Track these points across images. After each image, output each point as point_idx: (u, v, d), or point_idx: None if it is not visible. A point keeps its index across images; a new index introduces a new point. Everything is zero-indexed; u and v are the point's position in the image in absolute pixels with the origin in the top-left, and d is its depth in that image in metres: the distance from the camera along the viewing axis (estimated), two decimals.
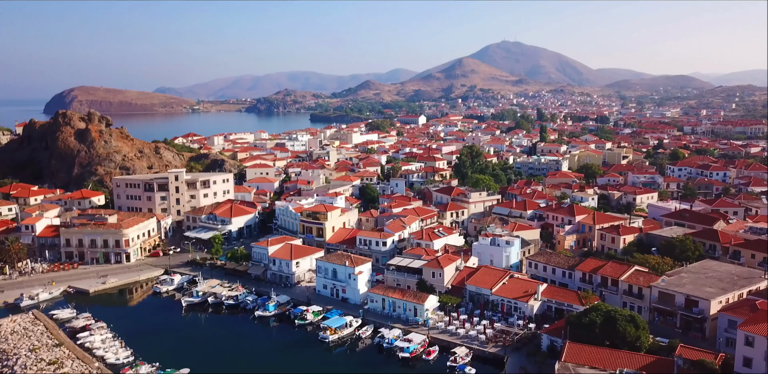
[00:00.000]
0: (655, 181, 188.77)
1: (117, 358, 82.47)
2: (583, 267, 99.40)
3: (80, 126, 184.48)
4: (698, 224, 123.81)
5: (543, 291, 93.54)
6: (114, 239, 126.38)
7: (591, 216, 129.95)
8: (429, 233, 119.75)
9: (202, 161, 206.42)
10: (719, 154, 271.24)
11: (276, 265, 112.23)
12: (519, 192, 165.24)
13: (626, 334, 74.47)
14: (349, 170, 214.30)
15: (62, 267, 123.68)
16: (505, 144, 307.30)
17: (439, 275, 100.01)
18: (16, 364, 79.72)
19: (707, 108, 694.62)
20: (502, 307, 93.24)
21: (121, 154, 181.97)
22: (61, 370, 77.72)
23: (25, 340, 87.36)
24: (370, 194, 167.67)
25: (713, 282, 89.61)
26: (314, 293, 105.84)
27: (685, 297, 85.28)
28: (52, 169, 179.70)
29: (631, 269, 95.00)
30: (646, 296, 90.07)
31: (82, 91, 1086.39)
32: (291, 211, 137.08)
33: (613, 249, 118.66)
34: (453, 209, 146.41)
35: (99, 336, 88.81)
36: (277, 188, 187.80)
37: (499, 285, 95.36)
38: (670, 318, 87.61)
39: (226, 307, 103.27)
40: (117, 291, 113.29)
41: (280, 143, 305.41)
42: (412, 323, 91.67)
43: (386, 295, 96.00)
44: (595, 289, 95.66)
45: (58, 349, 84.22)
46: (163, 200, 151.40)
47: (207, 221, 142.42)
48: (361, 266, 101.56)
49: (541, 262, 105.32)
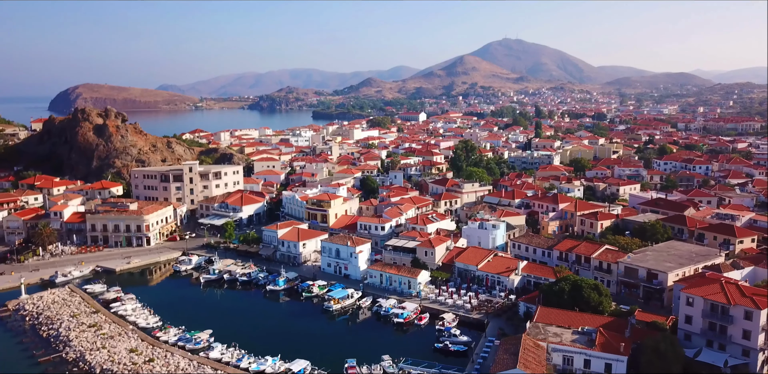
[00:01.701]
0: (640, 174, 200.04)
1: (147, 323, 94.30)
2: (560, 247, 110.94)
3: (98, 122, 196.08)
4: (670, 211, 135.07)
5: (523, 268, 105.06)
6: (135, 225, 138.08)
7: (573, 204, 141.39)
8: (423, 219, 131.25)
9: (212, 155, 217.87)
10: (707, 149, 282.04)
11: (285, 246, 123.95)
12: (510, 184, 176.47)
13: (590, 300, 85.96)
14: (351, 163, 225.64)
15: (89, 250, 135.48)
16: (501, 140, 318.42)
17: (431, 254, 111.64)
18: (60, 327, 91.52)
19: (705, 105, 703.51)
20: (486, 281, 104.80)
21: (137, 148, 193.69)
22: (100, 331, 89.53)
23: (66, 308, 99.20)
24: (371, 186, 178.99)
25: (673, 258, 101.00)
26: (319, 270, 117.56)
27: (647, 271, 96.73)
28: (72, 162, 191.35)
29: (602, 248, 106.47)
30: (614, 271, 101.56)
31: (87, 88, 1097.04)
32: (297, 199, 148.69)
33: (592, 233, 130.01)
34: (447, 199, 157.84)
35: (130, 305, 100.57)
36: (283, 180, 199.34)
37: (484, 262, 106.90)
38: (635, 289, 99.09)
39: (240, 283, 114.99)
40: (140, 270, 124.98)
41: (284, 139, 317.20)
42: (406, 295, 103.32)
43: (384, 271, 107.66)
44: (570, 266, 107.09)
45: (95, 315, 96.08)
46: (178, 190, 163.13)
47: (219, 209, 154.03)
48: (362, 246, 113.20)
49: (524, 243, 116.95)
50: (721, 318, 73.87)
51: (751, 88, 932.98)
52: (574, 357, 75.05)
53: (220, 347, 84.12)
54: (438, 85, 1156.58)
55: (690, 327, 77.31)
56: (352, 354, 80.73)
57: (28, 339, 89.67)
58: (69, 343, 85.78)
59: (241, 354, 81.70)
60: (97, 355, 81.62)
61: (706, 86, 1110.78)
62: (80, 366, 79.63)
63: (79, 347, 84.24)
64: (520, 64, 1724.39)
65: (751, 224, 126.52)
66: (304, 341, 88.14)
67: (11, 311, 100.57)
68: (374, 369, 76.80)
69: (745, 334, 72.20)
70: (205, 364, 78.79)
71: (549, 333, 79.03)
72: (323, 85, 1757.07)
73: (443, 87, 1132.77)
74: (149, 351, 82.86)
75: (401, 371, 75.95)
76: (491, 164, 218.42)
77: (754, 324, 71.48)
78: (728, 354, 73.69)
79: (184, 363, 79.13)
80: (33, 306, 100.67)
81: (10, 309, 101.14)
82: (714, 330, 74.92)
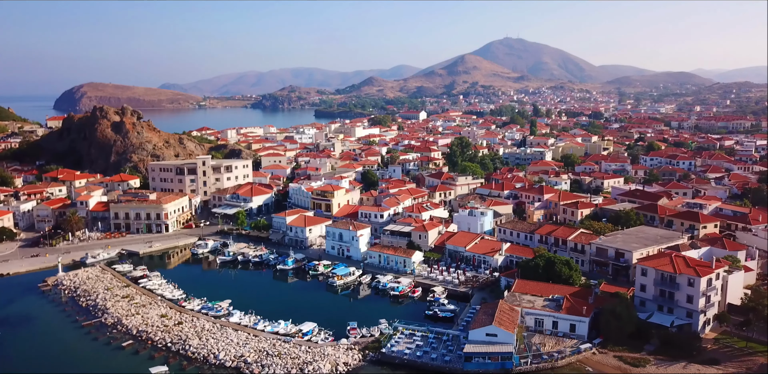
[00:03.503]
0: (625, 168, 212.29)
1: (173, 295, 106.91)
2: (540, 231, 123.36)
3: (115, 119, 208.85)
4: (645, 200, 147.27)
5: (506, 249, 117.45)
6: (155, 213, 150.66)
7: (557, 195, 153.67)
8: (418, 207, 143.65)
9: (221, 151, 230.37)
10: (696, 146, 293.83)
11: (293, 232, 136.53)
12: (501, 177, 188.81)
13: (562, 274, 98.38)
14: (353, 159, 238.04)
15: (113, 235, 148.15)
16: (498, 137, 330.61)
17: (425, 237, 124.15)
18: (97, 298, 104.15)
19: (702, 104, 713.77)
20: (473, 260, 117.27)
21: (152, 143, 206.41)
22: (133, 301, 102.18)
23: (100, 283, 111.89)
24: (371, 179, 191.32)
25: (640, 240, 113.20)
26: (324, 253, 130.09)
27: (615, 250, 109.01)
28: (91, 156, 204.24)
29: (577, 232, 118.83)
30: (587, 251, 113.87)
31: (91, 87, 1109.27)
32: (303, 190, 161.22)
33: (573, 220, 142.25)
34: (441, 190, 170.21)
35: (156, 281, 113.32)
36: (289, 174, 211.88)
37: (472, 244, 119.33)
38: (605, 267, 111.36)
39: (253, 264, 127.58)
40: (161, 254, 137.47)
41: (288, 136, 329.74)
42: (402, 272, 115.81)
43: (382, 252, 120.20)
44: (549, 248, 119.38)
45: (126, 289, 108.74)
46: (192, 182, 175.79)
47: (231, 200, 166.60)
48: (362, 230, 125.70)
49: (509, 228, 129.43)
50: (669, 285, 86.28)
51: (750, 87, 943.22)
52: (544, 319, 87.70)
53: (238, 314, 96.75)
54: (439, 85, 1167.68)
55: (644, 294, 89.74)
56: (353, 319, 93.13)
57: (69, 308, 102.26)
58: (107, 311, 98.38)
59: (257, 319, 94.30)
60: (133, 320, 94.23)
61: (705, 85, 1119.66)
62: (118, 329, 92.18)
63: (116, 313, 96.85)
64: (521, 64, 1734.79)
65: (717, 212, 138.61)
66: (312, 310, 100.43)
67: (51, 286, 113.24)
68: (372, 330, 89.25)
69: (689, 299, 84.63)
70: (227, 326, 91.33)
71: (524, 300, 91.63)
72: (325, 84, 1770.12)
73: (444, 86, 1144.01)
74: (178, 316, 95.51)
75: (395, 330, 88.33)
76: (486, 160, 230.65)
77: (696, 290, 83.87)
78: (675, 316, 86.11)
79: (209, 325, 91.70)
80: (70, 282, 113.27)
81: (50, 284, 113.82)
82: (664, 296, 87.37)
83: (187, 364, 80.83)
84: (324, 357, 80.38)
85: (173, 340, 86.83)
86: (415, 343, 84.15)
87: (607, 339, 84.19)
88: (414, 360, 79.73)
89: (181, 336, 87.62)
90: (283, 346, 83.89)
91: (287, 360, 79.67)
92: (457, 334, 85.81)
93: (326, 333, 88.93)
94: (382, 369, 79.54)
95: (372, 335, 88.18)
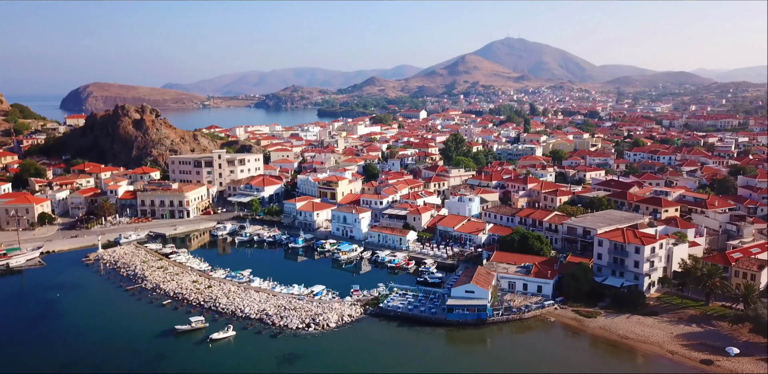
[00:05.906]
0: (607, 162, 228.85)
1: (200, 267, 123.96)
2: (520, 214, 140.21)
3: (136, 117, 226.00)
4: (618, 189, 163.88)
5: (490, 229, 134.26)
6: (178, 200, 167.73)
7: (540, 184, 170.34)
8: (414, 195, 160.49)
9: (233, 147, 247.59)
10: (681, 143, 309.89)
11: (302, 216, 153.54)
12: (491, 170, 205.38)
13: (534, 246, 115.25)
14: (355, 154, 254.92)
15: (140, 220, 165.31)
16: (493, 135, 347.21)
17: (418, 219, 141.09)
18: (136, 269, 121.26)
19: (698, 104, 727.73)
20: (460, 239, 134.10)
21: (170, 139, 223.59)
22: (167, 271, 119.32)
23: (136, 257, 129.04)
24: (372, 171, 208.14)
25: (606, 220, 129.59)
26: (330, 234, 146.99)
27: (583, 229, 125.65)
28: (114, 151, 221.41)
29: (552, 214, 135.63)
30: (560, 230, 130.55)
31: (97, 87, 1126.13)
32: (310, 181, 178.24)
33: (552, 206, 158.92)
34: (436, 181, 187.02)
35: (184, 256, 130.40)
36: (296, 167, 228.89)
37: (460, 225, 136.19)
38: (574, 244, 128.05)
39: (267, 243, 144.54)
40: (184, 235, 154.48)
41: (294, 134, 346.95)
42: (398, 249, 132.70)
43: (381, 232, 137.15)
44: (527, 228, 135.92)
45: (160, 261, 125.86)
46: (208, 174, 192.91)
47: (245, 190, 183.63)
48: (363, 214, 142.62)
49: (493, 212, 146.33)
50: (620, 253, 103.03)
51: (747, 86, 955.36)
52: (516, 282, 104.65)
53: (258, 280, 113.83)
54: (440, 84, 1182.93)
55: (600, 261, 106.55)
56: (356, 284, 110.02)
57: (112, 277, 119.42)
58: (145, 278, 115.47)
59: (274, 284, 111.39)
60: (169, 285, 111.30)
61: (704, 85, 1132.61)
62: (157, 292, 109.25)
63: (154, 280, 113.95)
64: (522, 64, 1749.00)
65: (680, 199, 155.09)
66: (320, 278, 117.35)
67: (93, 260, 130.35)
68: (372, 291, 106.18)
69: (636, 264, 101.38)
70: (249, 289, 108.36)
71: (500, 267, 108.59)
72: (327, 84, 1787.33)
73: (445, 86, 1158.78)
74: (207, 281, 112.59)
75: (391, 290, 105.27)
76: (479, 155, 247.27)
77: (641, 256, 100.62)
78: (625, 279, 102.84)
79: (234, 288, 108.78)
80: (109, 257, 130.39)
81: (92, 259, 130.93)
82: (616, 263, 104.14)
83: (218, 317, 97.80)
84: (332, 310, 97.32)
85: (205, 299, 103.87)
86: (407, 300, 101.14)
87: (568, 298, 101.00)
88: (406, 313, 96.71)
89: (211, 296, 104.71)
90: (297, 303, 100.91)
91: (302, 312, 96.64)
92: (442, 293, 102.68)
93: (333, 294, 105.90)
94: (380, 320, 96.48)
95: (371, 295, 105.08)
